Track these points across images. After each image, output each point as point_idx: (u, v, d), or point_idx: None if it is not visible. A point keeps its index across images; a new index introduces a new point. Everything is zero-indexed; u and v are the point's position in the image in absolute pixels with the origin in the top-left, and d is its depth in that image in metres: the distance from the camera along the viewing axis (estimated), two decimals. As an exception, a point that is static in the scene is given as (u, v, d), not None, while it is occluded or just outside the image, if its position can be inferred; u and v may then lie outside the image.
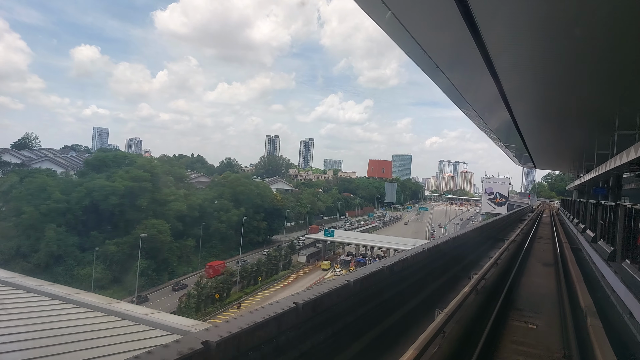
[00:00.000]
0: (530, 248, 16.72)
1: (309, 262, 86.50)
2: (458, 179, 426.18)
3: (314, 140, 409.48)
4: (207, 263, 67.16)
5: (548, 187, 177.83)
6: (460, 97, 15.07)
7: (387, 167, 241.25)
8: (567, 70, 10.23)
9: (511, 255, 13.40)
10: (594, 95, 12.25)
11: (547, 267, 13.02)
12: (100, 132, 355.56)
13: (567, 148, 30.31)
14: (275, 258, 71.69)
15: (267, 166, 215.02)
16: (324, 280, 66.50)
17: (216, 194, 74.67)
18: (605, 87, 11.32)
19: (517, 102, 14.16)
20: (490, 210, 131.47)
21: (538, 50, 8.88)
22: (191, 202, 68.57)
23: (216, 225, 71.00)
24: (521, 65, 10.28)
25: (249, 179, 79.70)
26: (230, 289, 59.35)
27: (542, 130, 21.85)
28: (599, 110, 14.19)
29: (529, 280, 11.15)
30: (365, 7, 8.38)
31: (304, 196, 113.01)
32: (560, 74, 10.65)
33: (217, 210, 72.43)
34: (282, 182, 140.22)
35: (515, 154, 38.26)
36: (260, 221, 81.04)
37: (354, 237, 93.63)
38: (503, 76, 10.82)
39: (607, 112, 13.81)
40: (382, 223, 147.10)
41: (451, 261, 11.68)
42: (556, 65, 9.79)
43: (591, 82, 10.95)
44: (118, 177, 57.68)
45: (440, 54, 10.58)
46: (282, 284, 69.85)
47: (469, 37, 7.99)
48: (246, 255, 76.94)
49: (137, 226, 56.25)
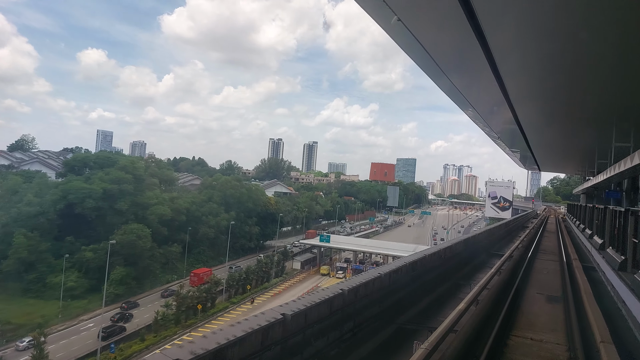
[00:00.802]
0: (530, 268, 13.13)
1: (303, 269, 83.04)
2: (463, 183, 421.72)
3: (317, 143, 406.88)
4: (192, 271, 63.94)
5: (553, 191, 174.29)
6: (465, 100, 14.94)
7: (389, 170, 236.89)
8: (573, 70, 9.92)
9: (503, 283, 9.94)
10: (602, 95, 11.59)
11: (552, 303, 9.48)
12: (104, 135, 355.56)
13: (575, 149, 28.46)
14: (266, 265, 68.26)
15: (268, 169, 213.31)
16: (318, 288, 63.12)
17: (205, 197, 71.39)
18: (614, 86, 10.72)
19: (521, 104, 13.87)
20: (494, 215, 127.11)
21: (544, 51, 8.73)
22: (178, 205, 65.36)
23: (204, 230, 67.72)
24: (526, 67, 10.16)
25: (240, 182, 76.16)
26: (214, 299, 56.00)
27: (547, 132, 21.02)
28: (609, 110, 13.52)
29: (523, 339, 7.06)
30: (371, 11, 8.38)
31: (302, 200, 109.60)
32: (567, 75, 10.32)
33: (205, 215, 69.18)
34: (280, 185, 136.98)
35: (520, 157, 37.54)
36: (252, 226, 77.66)
37: (351, 242, 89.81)
38: (507, 78, 10.56)
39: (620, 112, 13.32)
40: (383, 228, 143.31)
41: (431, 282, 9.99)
42: (562, 67, 9.53)
43: (599, 81, 10.35)
44: (97, 179, 54.61)
45: (444, 57, 10.50)
46: (273, 293, 66.37)
47: (473, 39, 7.97)
48: (238, 262, 73.54)
49: (116, 231, 53.15)
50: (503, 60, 9.32)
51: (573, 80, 10.76)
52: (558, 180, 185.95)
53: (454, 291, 10.88)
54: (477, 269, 13.66)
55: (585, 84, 10.80)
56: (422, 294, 9.54)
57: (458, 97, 14.65)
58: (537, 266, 14.17)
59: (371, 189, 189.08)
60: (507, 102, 13.06)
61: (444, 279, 11.12)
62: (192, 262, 67.61)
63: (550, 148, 29.27)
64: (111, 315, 47.40)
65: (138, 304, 52.77)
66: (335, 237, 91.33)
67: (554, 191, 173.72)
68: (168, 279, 61.00)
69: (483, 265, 14.04)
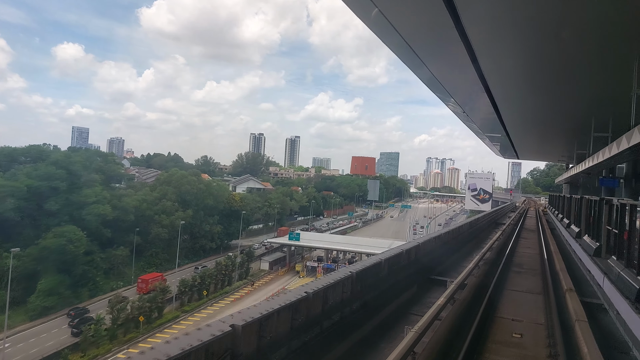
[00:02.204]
0: (490, 320, 7.48)
1: (272, 270, 77.32)
2: (445, 175, 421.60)
3: (299, 137, 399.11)
4: (140, 276, 57.45)
5: (533, 182, 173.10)
6: (444, 91, 14.80)
7: (370, 164, 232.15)
8: (551, 48, 9.55)
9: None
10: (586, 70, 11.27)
11: None
12: (80, 131, 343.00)
13: (557, 133, 25.37)
14: (227, 267, 62.21)
15: (246, 164, 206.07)
16: (283, 290, 57.54)
17: (159, 195, 64.68)
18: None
19: (499, 89, 13.51)
20: (474, 208, 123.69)
21: (518, 32, 8.69)
22: (124, 204, 58.66)
23: (157, 231, 61.23)
24: (503, 50, 10.05)
25: (198, 177, 69.55)
26: (162, 308, 49.84)
27: (525, 115, 19.98)
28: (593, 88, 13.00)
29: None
30: (351, 3, 8.42)
31: (274, 195, 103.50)
32: (543, 53, 9.94)
33: (158, 213, 62.60)
34: (253, 181, 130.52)
35: (500, 147, 36.11)
36: (214, 225, 71.34)
37: (324, 239, 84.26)
38: (484, 60, 10.32)
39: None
40: (361, 222, 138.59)
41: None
42: (538, 43, 9.33)
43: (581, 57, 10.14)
44: (23, 176, 47.60)
45: (423, 46, 10.37)
46: (233, 298, 60.46)
47: (451, 24, 7.86)
48: (194, 265, 67.34)
49: (45, 235, 46.40)
50: (479, 43, 9.20)
51: (552, 62, 10.24)
52: (538, 171, 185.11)
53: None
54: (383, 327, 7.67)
55: (567, 67, 10.37)
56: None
57: (438, 88, 14.76)
58: (505, 310, 8.70)
59: (351, 183, 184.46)
60: (485, 89, 12.77)
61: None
62: (143, 266, 61.12)
63: (529, 133, 26.77)
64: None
65: (88, 310, 46.68)
66: (306, 235, 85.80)
67: (534, 182, 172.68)
68: (112, 286, 54.47)
69: (397, 318, 7.96)
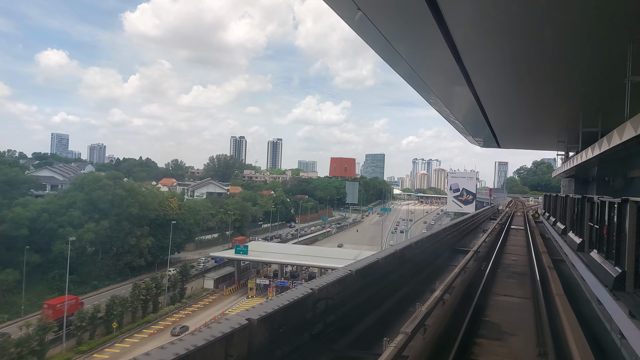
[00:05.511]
0: None
1: (217, 289, 65.74)
2: (432, 177, 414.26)
3: (282, 140, 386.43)
4: (45, 301, 45.76)
5: (520, 181, 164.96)
6: (425, 86, 14.86)
7: (350, 165, 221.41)
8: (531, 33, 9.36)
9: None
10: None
11: None
12: (59, 138, 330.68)
13: (551, 113, 18.95)
14: (148, 291, 50.46)
15: (217, 168, 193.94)
16: (223, 316, 46.09)
17: (66, 203, 52.77)
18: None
19: (479, 77, 13.25)
20: (457, 210, 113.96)
21: (503, 21, 8.64)
22: (15, 215, 46.75)
23: (60, 248, 49.39)
24: (483, 35, 9.97)
25: (115, 181, 57.62)
26: (43, 351, 38.05)
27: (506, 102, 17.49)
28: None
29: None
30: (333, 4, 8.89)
31: (231, 201, 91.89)
32: (525, 42, 9.92)
33: (63, 226, 50.74)
34: (214, 185, 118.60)
35: (484, 139, 32.01)
36: (143, 237, 59.53)
37: (281, 251, 72.86)
38: (462, 42, 10.03)
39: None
40: (336, 228, 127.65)
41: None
42: (519, 31, 9.23)
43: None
44: None
45: (400, 40, 10.50)
46: (153, 330, 48.60)
47: (429, 15, 7.88)
48: (118, 286, 55.69)
49: None
50: (461, 38, 9.38)
51: (531, 47, 10.08)
52: (525, 170, 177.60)
53: None
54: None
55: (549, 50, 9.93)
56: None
57: (418, 84, 14.75)
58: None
59: (329, 185, 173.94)
60: (465, 77, 12.45)
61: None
62: (42, 291, 49.27)
63: (514, 115, 21.96)
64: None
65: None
66: (260, 246, 74.27)
67: (521, 181, 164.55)
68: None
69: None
